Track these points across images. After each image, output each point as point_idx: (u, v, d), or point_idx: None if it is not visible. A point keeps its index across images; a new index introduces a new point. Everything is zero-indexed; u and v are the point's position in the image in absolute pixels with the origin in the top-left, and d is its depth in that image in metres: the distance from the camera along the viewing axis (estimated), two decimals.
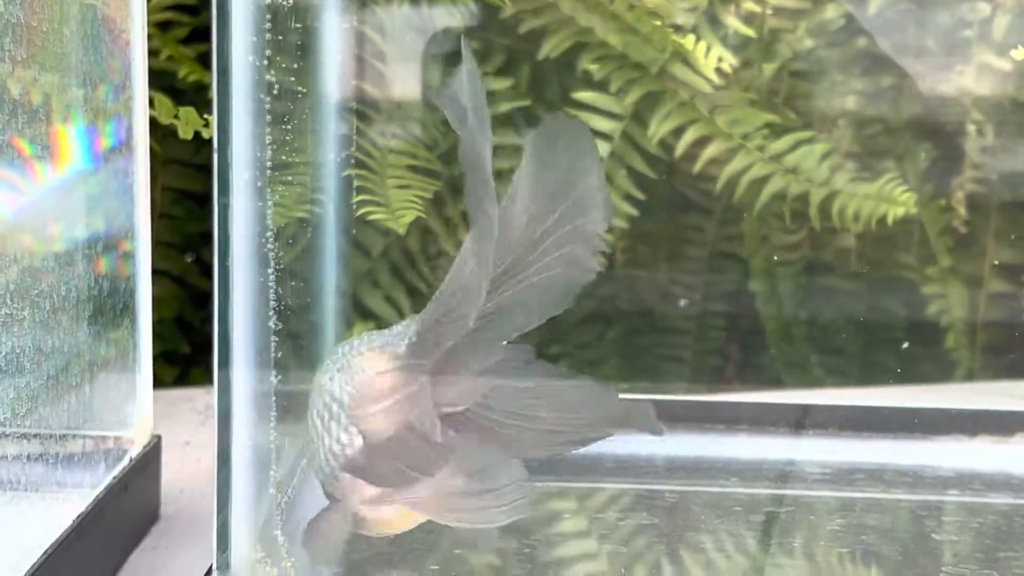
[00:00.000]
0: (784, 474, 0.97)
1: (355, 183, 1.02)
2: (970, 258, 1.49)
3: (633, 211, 1.34)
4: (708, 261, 1.44)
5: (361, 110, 1.11)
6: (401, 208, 1.04)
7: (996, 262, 1.45)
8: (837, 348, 1.46)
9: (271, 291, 0.61)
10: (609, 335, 1.44)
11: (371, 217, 1.03)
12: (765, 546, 0.84)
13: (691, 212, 1.40)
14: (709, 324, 1.47)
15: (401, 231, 1.04)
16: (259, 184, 0.63)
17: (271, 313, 0.62)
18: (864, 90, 1.46)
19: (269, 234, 0.62)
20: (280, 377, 0.67)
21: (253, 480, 0.64)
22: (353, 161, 1.01)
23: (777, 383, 1.37)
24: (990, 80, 1.44)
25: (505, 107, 1.38)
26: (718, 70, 1.32)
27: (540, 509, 0.88)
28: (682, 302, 0.93)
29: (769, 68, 1.35)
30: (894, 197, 1.19)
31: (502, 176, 1.47)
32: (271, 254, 0.62)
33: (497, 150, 1.46)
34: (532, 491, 0.67)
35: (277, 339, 0.63)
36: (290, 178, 0.79)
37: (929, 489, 0.94)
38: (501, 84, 1.38)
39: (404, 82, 1.28)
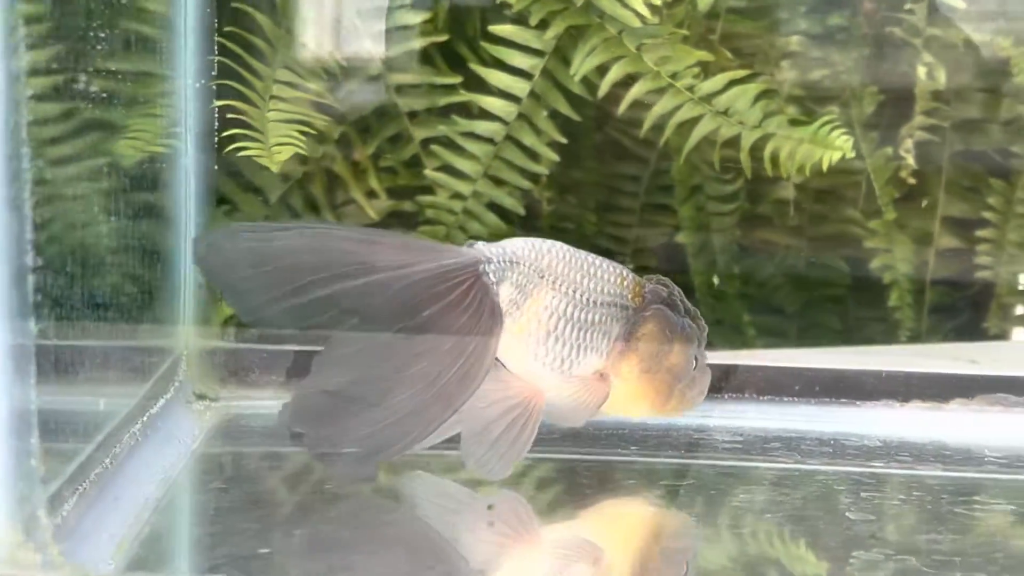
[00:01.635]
0: (692, 443, 0.85)
1: (223, 113, 0.90)
2: (920, 212, 1.37)
3: (555, 156, 1.22)
4: (639, 212, 1.32)
5: (235, 32, 0.98)
6: (279, 144, 0.91)
7: (947, 216, 1.34)
8: (773, 306, 1.35)
9: (28, 220, 0.50)
10: None
11: (243, 153, 0.91)
12: (658, 523, 0.73)
13: (619, 158, 1.28)
14: None
15: (275, 168, 0.92)
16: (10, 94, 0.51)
17: (29, 249, 0.50)
18: (809, 30, 1.34)
19: (26, 151, 0.50)
20: (58, 331, 0.55)
21: (10, 452, 0.53)
22: (214, 88, 0.88)
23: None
24: (943, 19, 1.32)
25: (420, 43, 1.26)
26: (649, 4, 1.19)
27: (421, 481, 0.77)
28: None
29: (704, 3, 1.23)
30: (830, 141, 1.07)
31: (416, 116, 1.35)
32: (27, 173, 0.50)
33: (411, 88, 1.34)
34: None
35: (43, 278, 0.51)
36: (105, 95, 0.67)
37: (850, 460, 0.83)
38: (416, 18, 1.26)
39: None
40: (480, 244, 0.74)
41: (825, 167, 1.06)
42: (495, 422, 0.71)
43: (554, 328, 0.72)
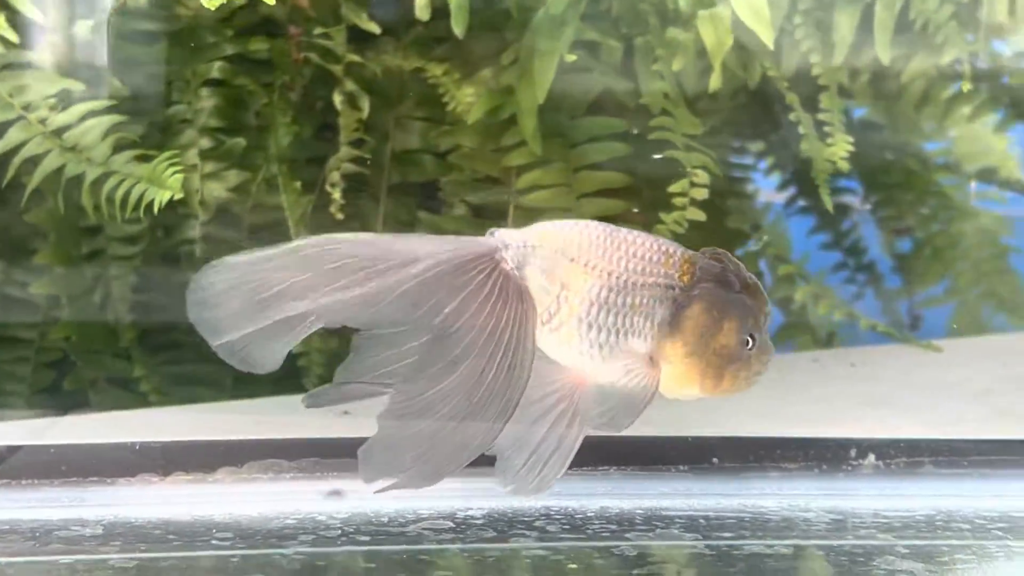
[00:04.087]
0: None
1: None
2: None
3: None
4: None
5: None
6: None
7: None
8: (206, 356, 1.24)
9: None
10: None
11: None
12: None
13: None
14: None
15: None
16: None
17: None
18: (241, 52, 1.24)
19: None
20: None
21: None
22: None
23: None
24: (370, 45, 1.25)
25: None
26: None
27: None
28: None
29: (84, 26, 1.11)
30: (164, 180, 0.97)
31: None
32: None
33: None
34: None
35: None
36: None
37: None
38: None
39: None
40: (500, 231, 0.69)
41: (156, 208, 0.96)
42: (537, 423, 0.67)
43: (587, 315, 0.68)
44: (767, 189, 1.55)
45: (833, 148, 1.12)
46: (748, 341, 0.70)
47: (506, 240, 0.68)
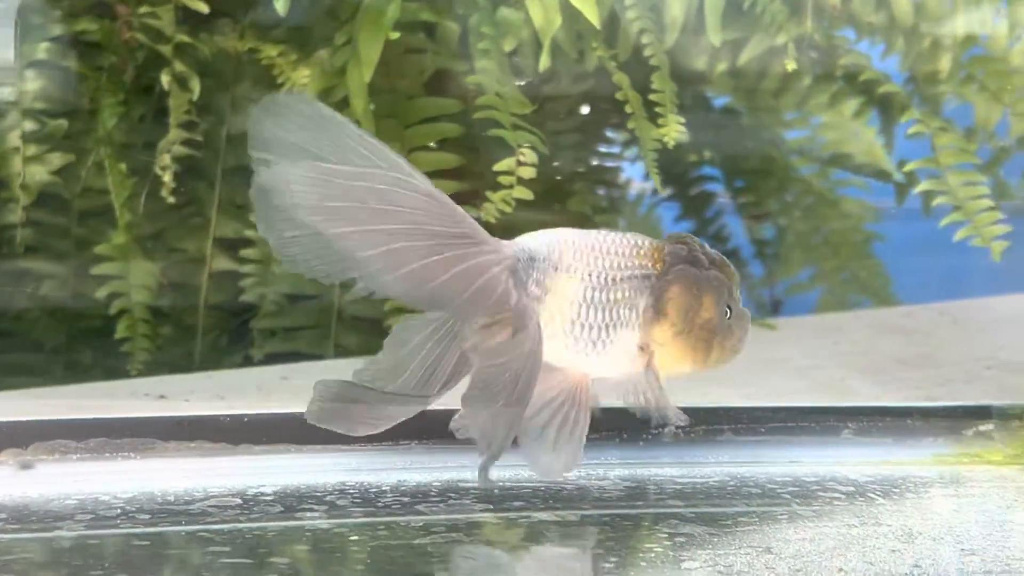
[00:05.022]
0: None
1: None
2: (188, 231, 1.27)
3: None
4: None
5: None
6: None
7: (221, 236, 1.24)
8: (31, 342, 1.21)
9: None
10: None
11: None
12: None
13: None
14: None
15: None
16: None
17: None
18: (70, 33, 1.20)
19: None
20: None
21: None
22: None
23: None
24: (200, 25, 1.23)
25: None
26: None
27: None
28: None
29: None
30: None
31: None
32: None
33: None
34: None
35: None
36: None
37: None
38: None
39: None
40: (522, 240, 0.71)
41: None
42: (548, 425, 0.71)
43: (577, 316, 0.71)
44: (639, 179, 1.55)
45: (664, 129, 1.12)
46: (726, 312, 0.74)
47: (512, 251, 0.71)
